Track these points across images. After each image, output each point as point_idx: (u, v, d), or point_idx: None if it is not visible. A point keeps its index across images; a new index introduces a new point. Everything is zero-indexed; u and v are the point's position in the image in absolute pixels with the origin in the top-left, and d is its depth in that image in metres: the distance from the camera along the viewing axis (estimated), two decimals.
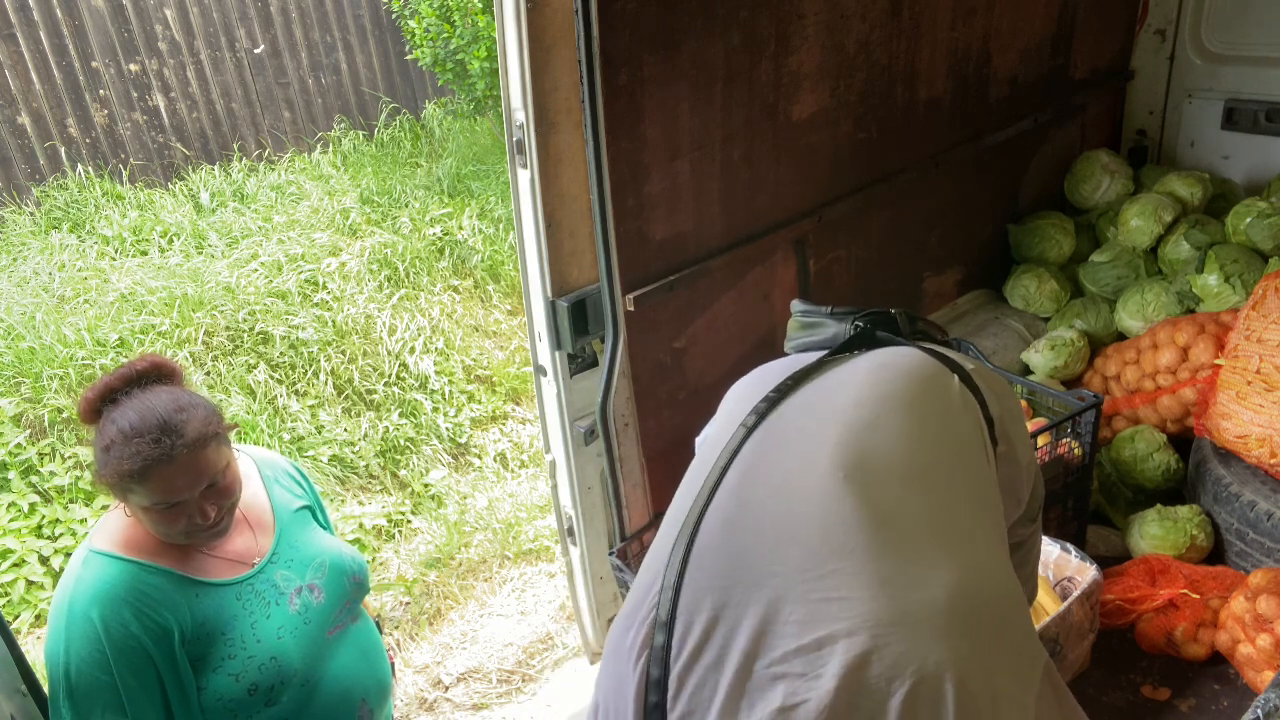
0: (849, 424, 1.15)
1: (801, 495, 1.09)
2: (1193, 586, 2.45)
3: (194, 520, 1.55)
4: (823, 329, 1.39)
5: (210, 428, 1.54)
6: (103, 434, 1.51)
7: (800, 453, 1.14)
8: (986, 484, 1.18)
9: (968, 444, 1.18)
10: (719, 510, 1.13)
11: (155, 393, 1.53)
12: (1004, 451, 1.25)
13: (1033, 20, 3.35)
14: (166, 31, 6.42)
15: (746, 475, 1.15)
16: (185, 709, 1.58)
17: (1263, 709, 1.57)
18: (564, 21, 2.06)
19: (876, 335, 1.33)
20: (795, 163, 2.76)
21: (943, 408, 1.20)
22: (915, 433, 1.15)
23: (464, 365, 4.89)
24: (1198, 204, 3.47)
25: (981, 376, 1.28)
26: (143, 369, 1.55)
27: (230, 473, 1.59)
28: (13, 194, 5.88)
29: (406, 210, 5.78)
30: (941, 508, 1.10)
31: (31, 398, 4.09)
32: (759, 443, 1.18)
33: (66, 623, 1.54)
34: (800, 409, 1.21)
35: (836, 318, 1.38)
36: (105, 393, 1.53)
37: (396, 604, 3.70)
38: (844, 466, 1.09)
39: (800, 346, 1.41)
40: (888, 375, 1.23)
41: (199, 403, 1.56)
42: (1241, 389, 2.60)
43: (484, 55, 6.33)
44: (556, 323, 2.36)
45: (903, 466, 1.12)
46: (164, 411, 1.50)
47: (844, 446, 1.12)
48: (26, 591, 3.62)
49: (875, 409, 1.17)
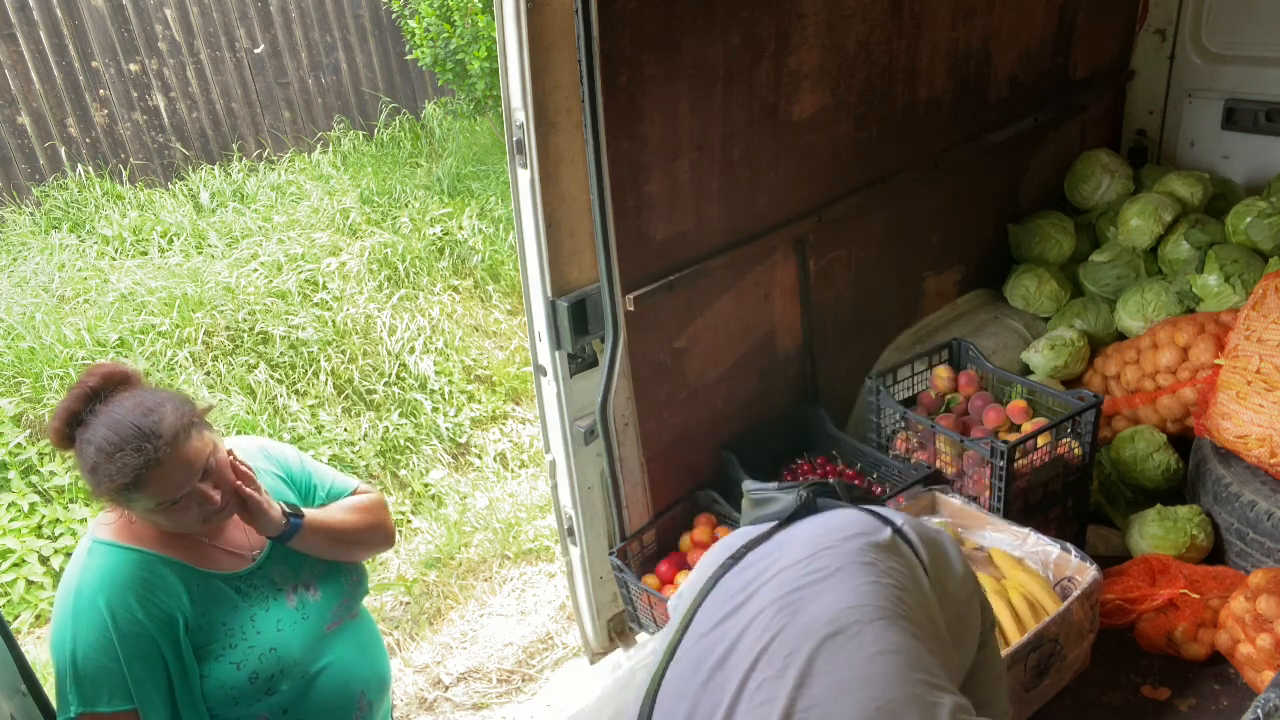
0: (787, 569, 1.33)
1: (747, 630, 1.27)
2: (1193, 586, 2.45)
3: (203, 507, 1.56)
4: (773, 503, 1.54)
5: (184, 419, 1.54)
6: (83, 457, 1.51)
7: (745, 601, 1.32)
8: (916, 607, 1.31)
9: (898, 577, 1.33)
10: (677, 665, 1.32)
11: (119, 403, 1.52)
12: (941, 596, 1.38)
13: (1033, 20, 3.35)
14: (166, 31, 6.42)
15: (701, 632, 1.33)
16: (189, 696, 1.60)
17: (1263, 709, 1.57)
18: (564, 21, 2.06)
19: (819, 503, 1.50)
20: (795, 162, 2.76)
21: (873, 548, 1.36)
22: (847, 566, 1.32)
23: (464, 365, 4.89)
24: (1198, 204, 3.47)
25: (912, 528, 1.44)
26: (96, 384, 1.54)
27: (219, 453, 1.60)
28: (13, 194, 5.88)
29: (406, 210, 5.78)
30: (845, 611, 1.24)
31: (31, 398, 4.09)
32: (710, 606, 1.37)
33: (73, 610, 1.55)
34: (747, 569, 1.39)
35: (784, 491, 1.55)
36: (69, 417, 1.52)
37: (396, 604, 3.70)
38: (779, 602, 1.28)
39: (754, 520, 1.58)
40: (822, 531, 1.41)
41: (164, 398, 1.56)
42: (1241, 389, 2.60)
43: (484, 55, 6.33)
44: (556, 323, 2.36)
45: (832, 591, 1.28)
46: (134, 419, 1.50)
47: (781, 586, 1.31)
48: (26, 591, 3.63)
49: (810, 552, 1.35)
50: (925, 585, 1.36)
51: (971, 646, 1.44)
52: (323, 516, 1.79)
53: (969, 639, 1.43)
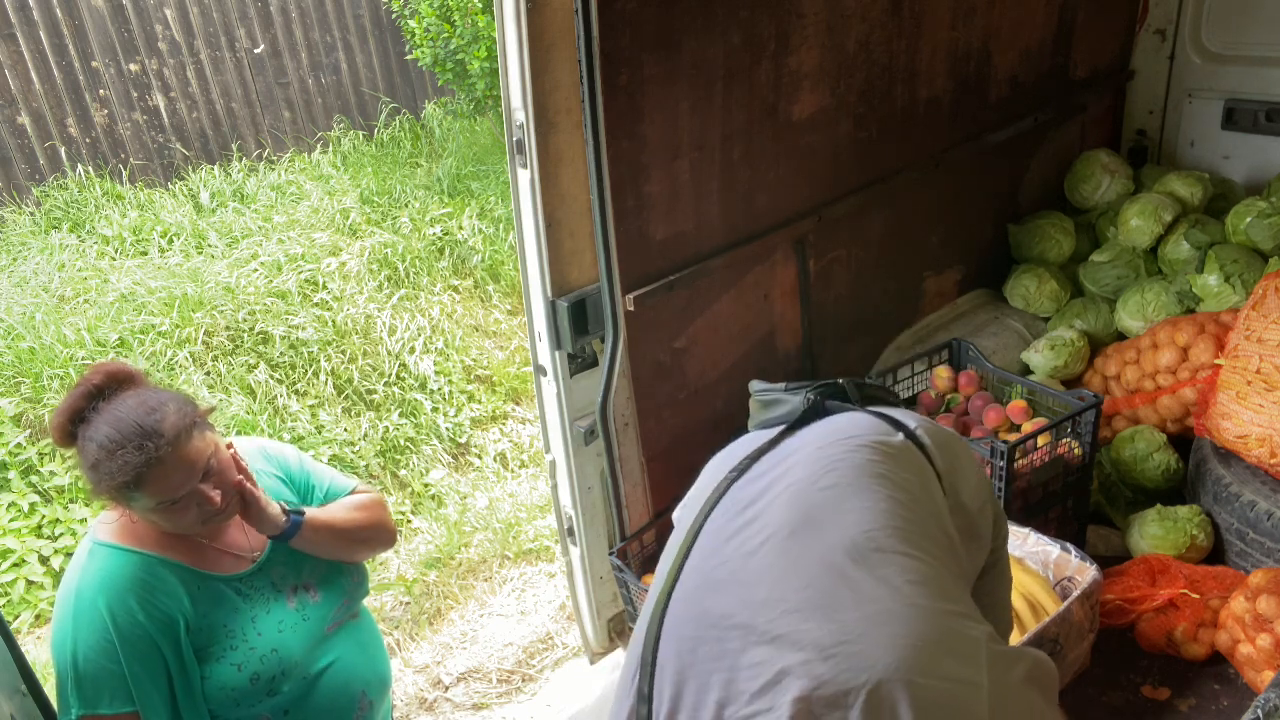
0: (797, 484, 1.28)
1: (756, 554, 1.22)
2: (1193, 586, 2.45)
3: (204, 508, 1.56)
4: (780, 405, 1.49)
5: (186, 418, 1.54)
6: (85, 454, 1.51)
7: (757, 517, 1.27)
8: (930, 518, 1.27)
9: (910, 489, 1.28)
10: (684, 584, 1.26)
11: (121, 401, 1.53)
12: (954, 504, 1.34)
13: (1033, 20, 3.35)
14: (166, 31, 6.42)
15: (708, 548, 1.28)
16: (189, 697, 1.60)
17: (1263, 709, 1.57)
18: (564, 21, 2.06)
19: (827, 405, 1.46)
20: (795, 162, 2.76)
21: (887, 461, 1.31)
22: (856, 482, 1.27)
23: (464, 365, 4.89)
24: (1198, 204, 3.46)
25: (927, 432, 1.39)
26: (100, 382, 1.55)
27: (221, 454, 1.60)
28: (13, 194, 5.88)
29: (406, 210, 5.78)
30: (874, 535, 1.20)
31: (31, 398, 4.09)
32: (720, 517, 1.31)
33: (74, 612, 1.55)
34: (756, 480, 1.34)
35: (791, 392, 1.50)
36: (72, 414, 1.53)
37: (396, 604, 3.70)
38: (790, 523, 1.22)
39: (760, 424, 1.52)
40: (833, 437, 1.36)
41: (167, 398, 1.56)
42: (1241, 389, 2.60)
43: (484, 55, 6.33)
44: (556, 323, 2.36)
45: (841, 509, 1.23)
46: (137, 417, 1.50)
47: (791, 506, 1.25)
48: (26, 591, 3.63)
49: (819, 469, 1.30)
50: (938, 494, 1.32)
51: (980, 558, 1.40)
52: (323, 515, 1.79)
53: (977, 549, 1.39)
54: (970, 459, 1.43)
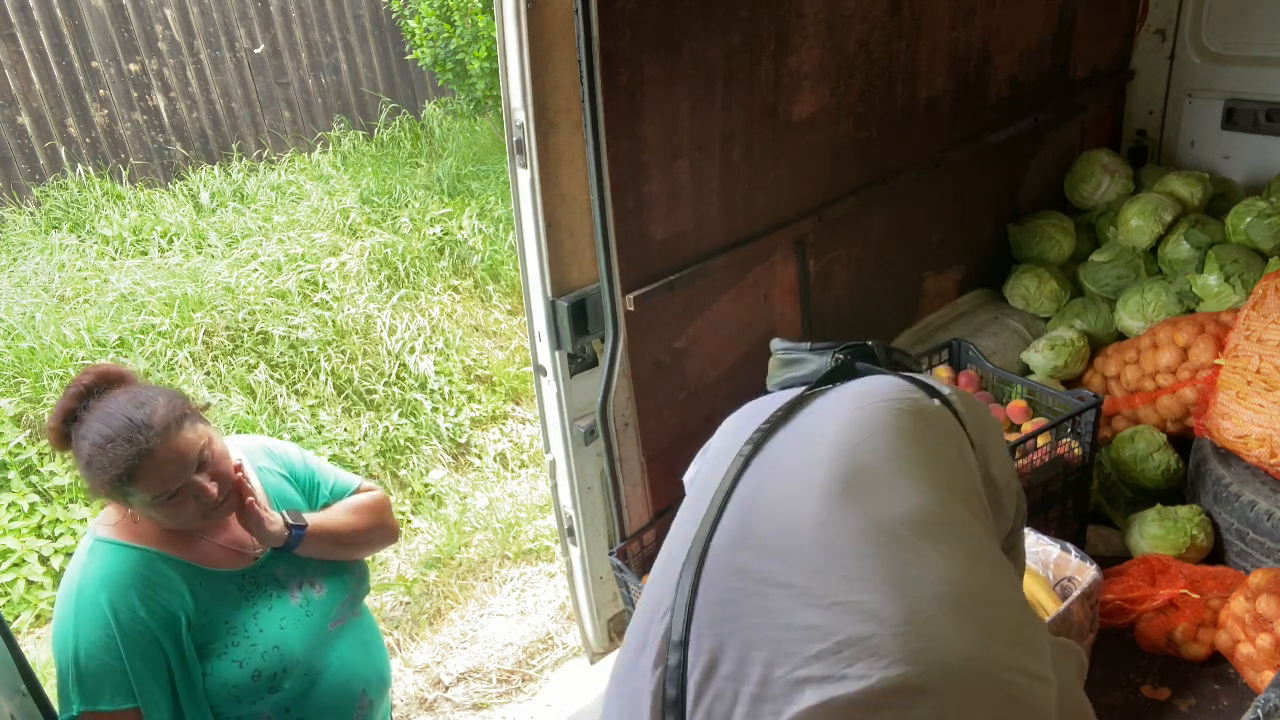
0: (840, 443, 1.21)
1: (803, 511, 1.14)
2: (1193, 586, 2.45)
3: (201, 501, 1.56)
4: (804, 364, 1.44)
5: (176, 411, 1.55)
6: (79, 453, 1.52)
7: (798, 472, 1.20)
8: (971, 493, 1.23)
9: (950, 457, 1.24)
10: (725, 533, 1.17)
11: (112, 398, 1.54)
12: (984, 475, 1.30)
13: (1033, 20, 3.35)
14: (166, 31, 6.42)
15: (749, 499, 1.20)
16: (191, 694, 1.60)
17: (1263, 709, 1.57)
18: (564, 21, 2.05)
19: (856, 366, 1.40)
20: (795, 162, 2.76)
21: (925, 426, 1.26)
22: (902, 447, 1.21)
23: (464, 365, 4.89)
24: (1198, 204, 3.47)
25: (960, 400, 1.34)
26: (90, 382, 1.56)
27: (215, 446, 1.60)
28: (13, 194, 5.88)
29: (406, 210, 5.78)
30: (933, 510, 1.14)
31: (31, 398, 4.09)
32: (758, 469, 1.24)
33: (75, 609, 1.55)
34: (793, 434, 1.27)
35: (817, 352, 1.44)
36: (65, 415, 1.54)
37: (396, 604, 3.70)
38: (839, 480, 1.15)
39: (782, 383, 1.47)
40: (870, 399, 1.29)
41: (156, 393, 1.57)
42: (1241, 389, 2.60)
43: (484, 55, 6.33)
44: (556, 323, 2.36)
45: (894, 476, 1.17)
46: (126, 412, 1.51)
47: (837, 464, 1.18)
48: (26, 591, 3.63)
49: (861, 429, 1.23)
50: (973, 462, 1.27)
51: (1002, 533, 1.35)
52: (327, 523, 1.78)
53: (1001, 523, 1.35)
54: (999, 431, 1.38)
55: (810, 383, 1.39)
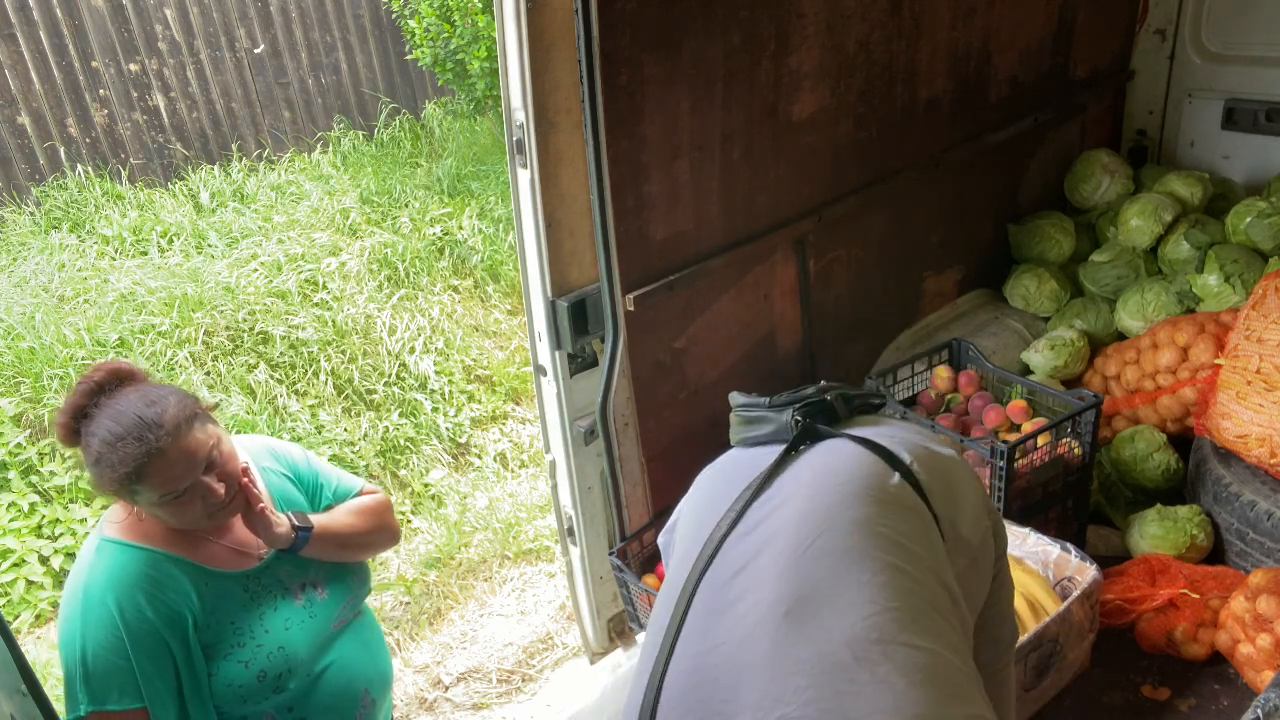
0: (788, 550, 1.20)
1: (751, 636, 1.15)
2: (1193, 586, 2.45)
3: (208, 501, 1.57)
4: (764, 424, 1.39)
5: (186, 410, 1.55)
6: (88, 450, 1.52)
7: (746, 592, 1.19)
8: (930, 579, 1.20)
9: (910, 544, 1.21)
10: (678, 662, 1.19)
11: (122, 396, 1.54)
12: (952, 545, 1.27)
13: (1033, 20, 3.35)
14: (166, 31, 6.42)
15: (700, 627, 1.20)
16: (196, 694, 1.61)
17: (1263, 709, 1.57)
18: (564, 21, 2.06)
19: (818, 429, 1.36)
20: (795, 162, 2.76)
21: (881, 509, 1.23)
22: (854, 545, 1.19)
23: (464, 365, 4.89)
24: (1198, 204, 3.47)
25: (923, 467, 1.30)
26: (101, 379, 1.56)
27: (224, 447, 1.61)
28: (13, 194, 5.88)
29: (406, 210, 5.78)
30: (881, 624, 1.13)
31: (31, 398, 4.09)
32: (710, 586, 1.23)
33: (83, 609, 1.55)
34: (746, 536, 1.26)
35: (776, 409, 1.39)
36: (75, 411, 1.54)
37: (396, 604, 3.70)
38: (785, 600, 1.14)
39: (743, 441, 1.43)
40: (826, 482, 1.27)
41: (167, 392, 1.57)
42: (1241, 389, 2.60)
43: (484, 55, 6.34)
44: (556, 323, 2.36)
45: (840, 588, 1.15)
46: (137, 410, 1.51)
47: (784, 578, 1.17)
48: (26, 591, 3.63)
49: (813, 526, 1.21)
50: (938, 541, 1.24)
51: (982, 591, 1.33)
52: (331, 525, 1.79)
53: (979, 586, 1.32)
54: (968, 483, 1.35)
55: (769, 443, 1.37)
